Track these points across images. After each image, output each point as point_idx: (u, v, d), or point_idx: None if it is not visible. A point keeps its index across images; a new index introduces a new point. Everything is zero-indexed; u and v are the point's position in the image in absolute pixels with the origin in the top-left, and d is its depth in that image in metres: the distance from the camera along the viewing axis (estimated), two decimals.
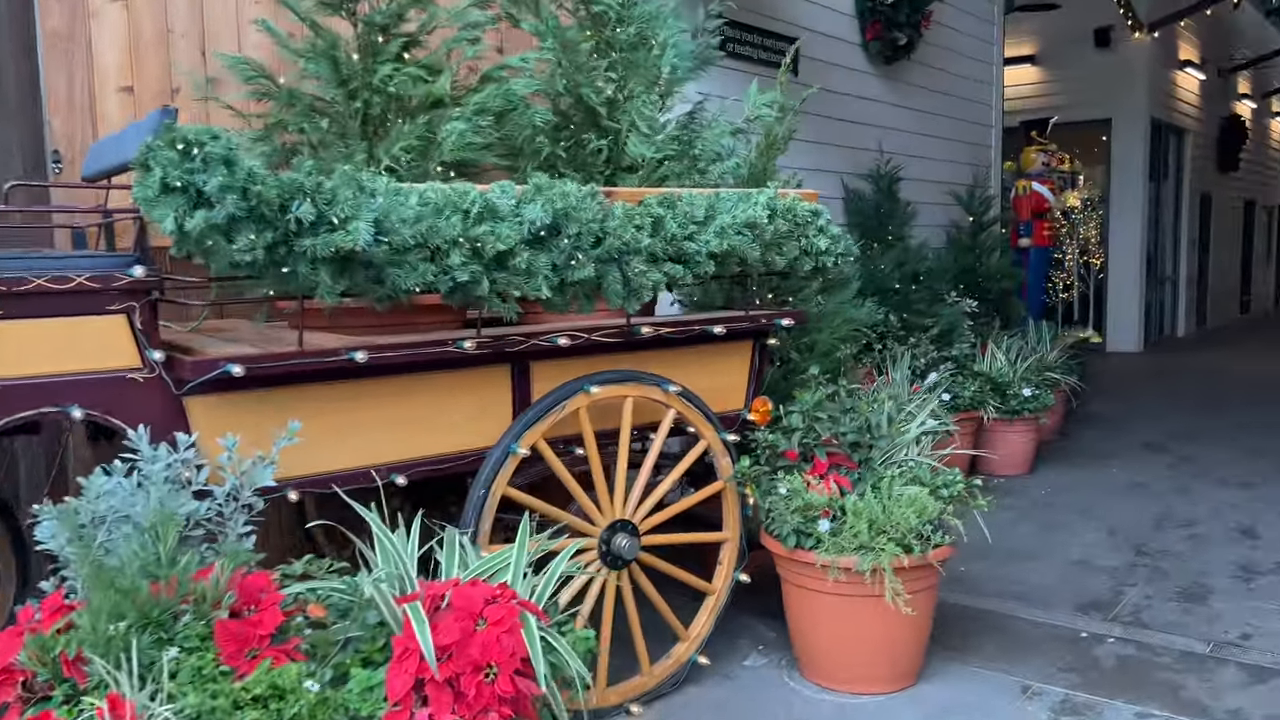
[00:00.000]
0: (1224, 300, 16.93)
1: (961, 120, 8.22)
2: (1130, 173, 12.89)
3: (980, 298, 7.55)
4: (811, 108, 6.48)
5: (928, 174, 7.68)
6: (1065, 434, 7.49)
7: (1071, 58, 12.97)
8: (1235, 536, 4.83)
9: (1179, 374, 10.88)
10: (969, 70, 8.32)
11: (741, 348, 3.48)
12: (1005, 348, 6.52)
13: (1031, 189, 8.23)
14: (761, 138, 4.38)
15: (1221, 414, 8.26)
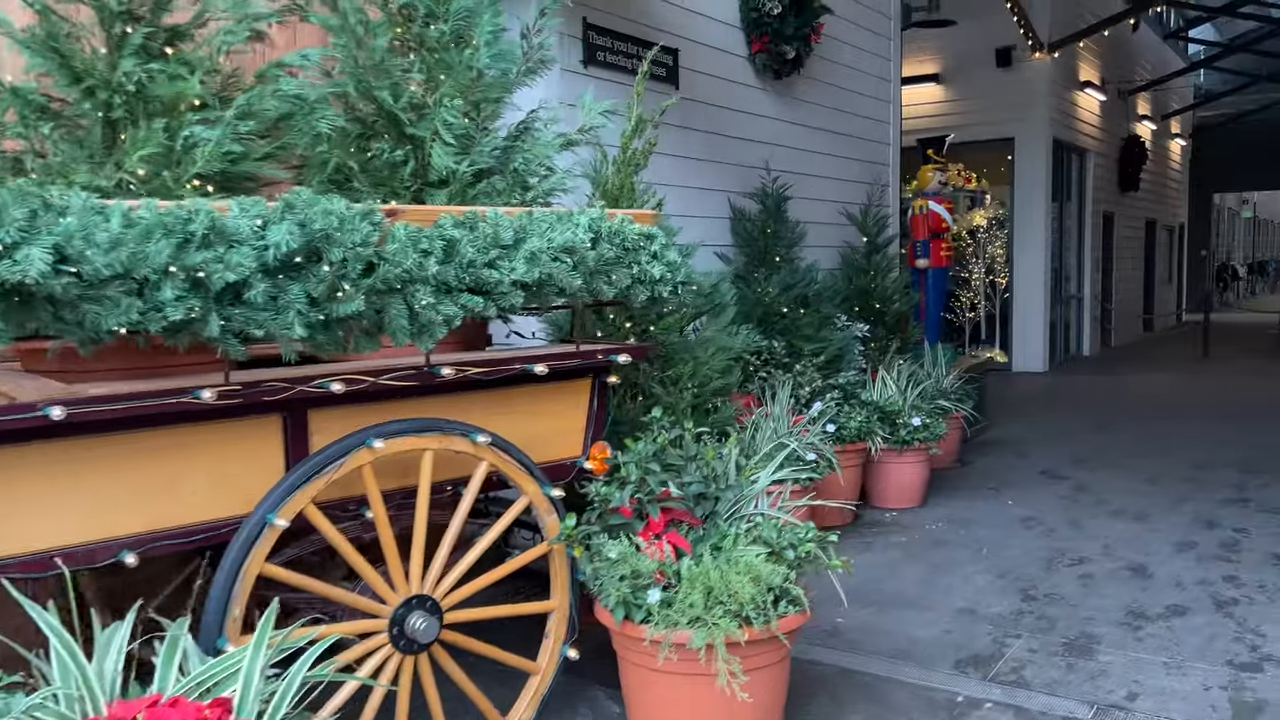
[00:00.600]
0: (1128, 319, 17.15)
1: (857, 138, 7.99)
2: (1033, 192, 12.90)
3: (875, 321, 7.31)
4: (696, 123, 6.16)
5: (821, 193, 7.41)
6: (964, 461, 7.26)
7: (974, 77, 12.96)
8: (1126, 576, 4.58)
9: (1082, 395, 10.83)
10: (865, 87, 8.11)
11: (577, 387, 3.07)
12: (897, 374, 6.24)
13: (928, 208, 8.04)
14: (619, 152, 4.01)
15: (1120, 436, 8.14)
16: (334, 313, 2.23)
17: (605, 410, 3.14)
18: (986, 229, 13.68)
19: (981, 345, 13.79)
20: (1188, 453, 7.40)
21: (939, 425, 5.91)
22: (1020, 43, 12.48)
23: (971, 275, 13.94)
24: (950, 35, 13.02)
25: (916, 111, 13.31)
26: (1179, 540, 5.12)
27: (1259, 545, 5.01)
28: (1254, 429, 8.37)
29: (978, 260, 13.84)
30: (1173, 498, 6.03)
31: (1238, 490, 6.19)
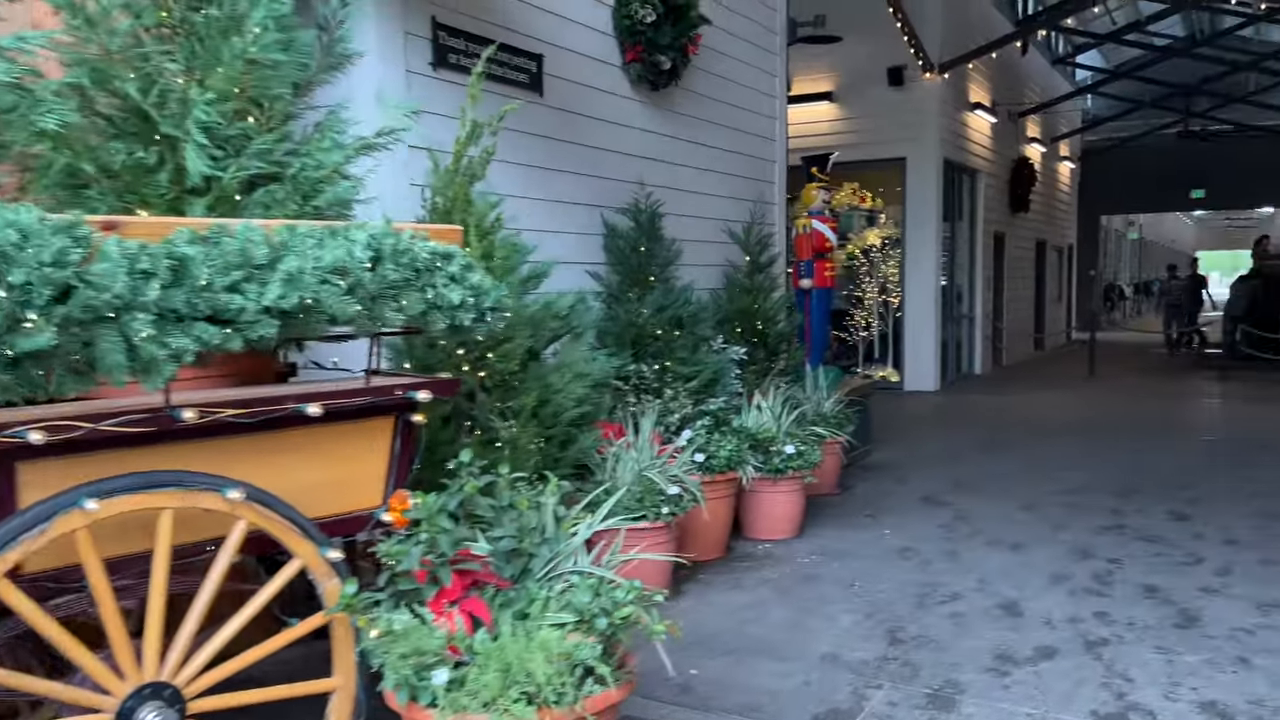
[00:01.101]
0: (1019, 338, 17.44)
1: (741, 154, 7.77)
2: (924, 212, 12.96)
3: (758, 342, 7.08)
4: (565, 133, 5.83)
5: (702, 209, 7.16)
6: (845, 486, 7.06)
7: (867, 96, 12.97)
8: (997, 614, 4.37)
9: (970, 415, 10.83)
10: (749, 102, 7.90)
11: (375, 428, 2.69)
12: (772, 399, 5.99)
13: (812, 227, 7.85)
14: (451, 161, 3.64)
15: (1003, 459, 8.07)
16: (16, 347, 1.81)
17: (411, 453, 2.76)
18: (880, 248, 13.72)
19: (875, 364, 13.79)
20: (1068, 476, 7.35)
21: (814, 453, 5.67)
22: (911, 63, 12.54)
23: (865, 294, 13.96)
24: (843, 53, 13.01)
25: (810, 130, 13.26)
26: (1053, 573, 4.96)
27: (1131, 576, 4.88)
28: (1133, 450, 8.40)
29: (871, 279, 13.87)
30: (1050, 525, 5.91)
31: (1114, 516, 6.11)
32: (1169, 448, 8.53)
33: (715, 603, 4.59)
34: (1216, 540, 5.54)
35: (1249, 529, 5.78)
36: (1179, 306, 19.23)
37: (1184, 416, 10.76)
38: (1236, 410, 11.08)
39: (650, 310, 5.83)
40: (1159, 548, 5.40)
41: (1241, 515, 6.10)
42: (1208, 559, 5.17)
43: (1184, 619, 4.27)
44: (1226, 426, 9.86)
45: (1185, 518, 6.05)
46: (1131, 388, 13.28)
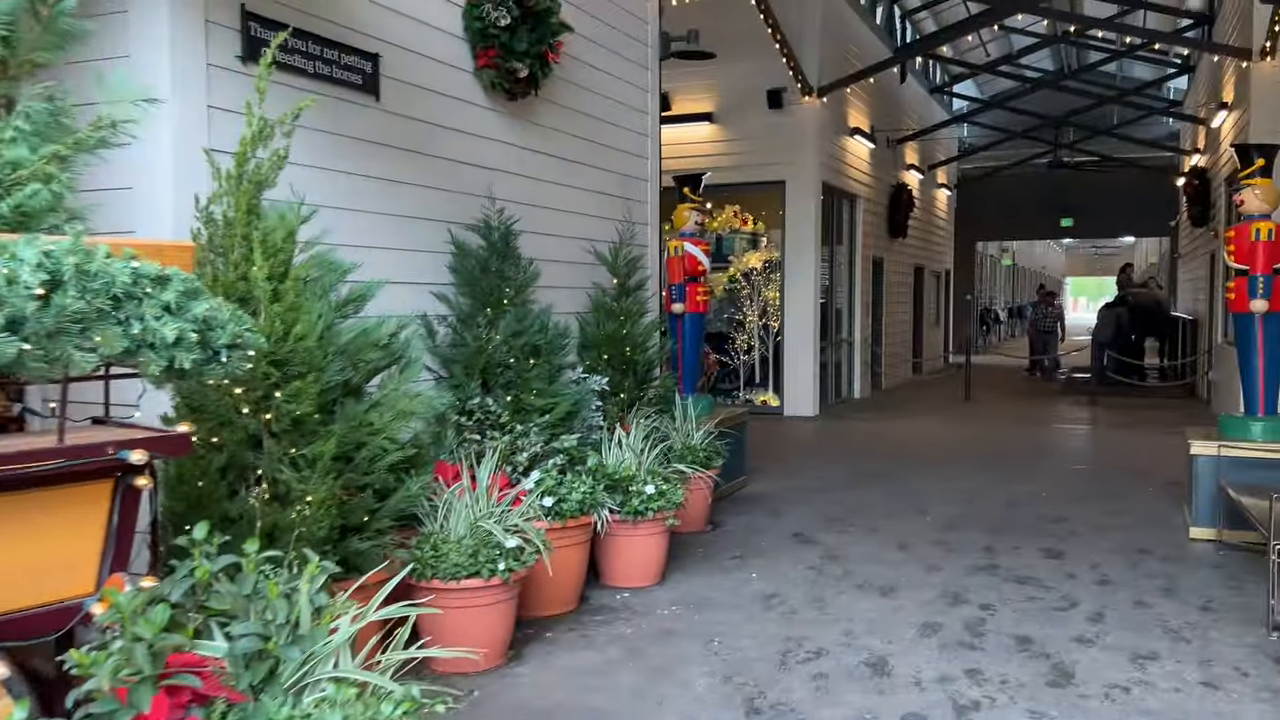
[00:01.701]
0: (897, 362, 17.56)
1: (610, 171, 7.36)
2: (804, 236, 12.83)
3: (626, 370, 6.66)
4: (407, 141, 5.30)
5: (565, 228, 6.71)
6: (715, 523, 6.69)
7: (747, 118, 12.81)
8: (864, 674, 4.02)
9: (846, 442, 10.66)
10: (619, 117, 7.51)
11: (85, 495, 2.13)
12: (635, 433, 5.57)
13: (684, 250, 7.50)
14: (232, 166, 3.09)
15: (877, 491, 7.84)
16: None
17: (132, 525, 2.20)
18: (761, 271, 13.56)
19: (755, 389, 13.60)
20: (943, 509, 7.15)
21: (676, 492, 5.26)
22: (791, 85, 12.42)
23: (746, 318, 13.77)
24: (724, 74, 12.83)
25: (691, 150, 13.02)
26: (924, 622, 4.66)
27: (1004, 625, 4.61)
28: (1006, 480, 8.30)
29: (752, 303, 13.69)
30: (922, 566, 5.64)
31: (987, 555, 5.88)
32: (1042, 478, 8.46)
33: (559, 666, 4.11)
34: (1089, 580, 5.35)
35: (1120, 566, 5.62)
36: (1050, 332, 19.71)
37: (1055, 444, 10.82)
38: (1104, 437, 11.22)
39: (502, 336, 5.34)
40: (1032, 590, 5.16)
41: (1112, 551, 5.96)
42: (1081, 602, 4.96)
43: (1058, 675, 4.00)
44: (1095, 454, 9.93)
45: (1058, 555, 5.87)
46: (1004, 413, 13.40)
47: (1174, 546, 6.07)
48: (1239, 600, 4.96)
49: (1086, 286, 68.50)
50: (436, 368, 5.34)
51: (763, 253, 13.67)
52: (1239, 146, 6.43)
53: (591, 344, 6.71)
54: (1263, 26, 10.31)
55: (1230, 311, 6.40)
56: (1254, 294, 6.08)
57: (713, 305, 14.11)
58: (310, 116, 4.64)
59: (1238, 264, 6.25)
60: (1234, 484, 5.83)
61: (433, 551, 3.94)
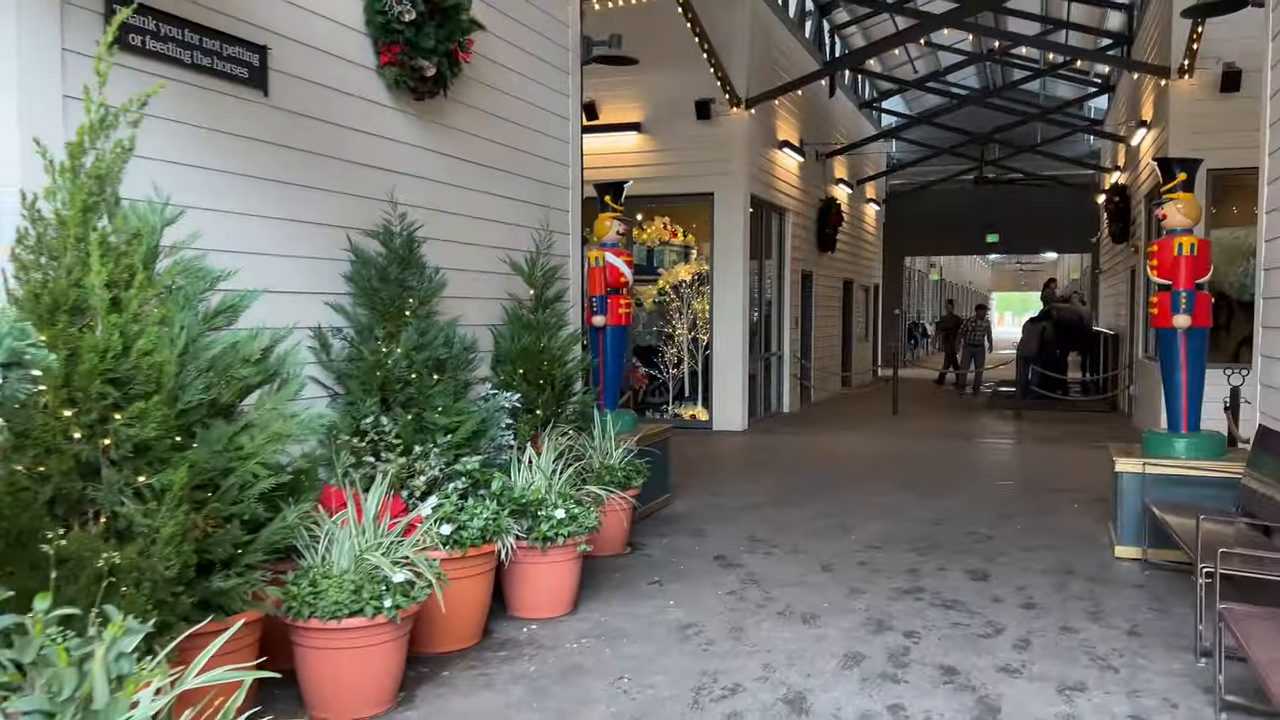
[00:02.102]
0: (827, 376, 17.52)
1: (527, 178, 7.07)
2: (732, 248, 12.67)
3: (544, 385, 6.36)
4: (301, 141, 4.93)
5: (477, 236, 6.39)
6: (635, 544, 6.41)
7: (675, 129, 12.62)
8: (781, 712, 3.76)
9: (774, 457, 10.47)
10: (538, 122, 7.22)
11: None
12: (547, 453, 5.26)
13: (605, 260, 7.23)
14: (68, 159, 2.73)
15: (803, 509, 7.63)
16: None
17: None
18: (690, 284, 13.36)
19: (684, 403, 13.38)
20: (868, 527, 6.97)
21: (589, 516, 4.96)
22: (719, 96, 12.27)
23: (675, 331, 13.56)
24: (652, 83, 12.64)
25: (618, 161, 12.80)
26: (846, 652, 4.43)
27: (928, 655, 4.41)
28: (932, 496, 8.18)
29: (682, 316, 13.48)
30: (846, 589, 5.43)
31: (912, 577, 5.70)
32: (967, 493, 8.36)
33: (452, 711, 3.78)
34: (1015, 603, 5.19)
35: (1047, 588, 5.47)
36: (979, 346, 19.80)
37: (981, 458, 10.78)
38: (1029, 452, 11.22)
39: (404, 350, 4.99)
40: (958, 615, 4.98)
41: (1039, 571, 5.82)
42: (1007, 628, 4.78)
43: (984, 710, 3.79)
44: (1021, 469, 9.89)
45: (984, 576, 5.71)
46: (931, 427, 13.38)
47: (1100, 566, 5.96)
48: (1166, 624, 4.84)
49: (1011, 301, 70.07)
50: (331, 384, 4.98)
51: (693, 265, 13.48)
52: (1161, 161, 6.39)
53: (506, 358, 6.41)
54: (1181, 45, 10.45)
55: (1153, 327, 6.34)
56: (1177, 309, 6.02)
57: (641, 318, 13.91)
58: (188, 110, 4.28)
59: (1161, 279, 6.19)
60: (1158, 502, 5.74)
61: (311, 588, 3.59)
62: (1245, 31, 10.25)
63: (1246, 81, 10.16)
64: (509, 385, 6.30)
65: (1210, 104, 10.34)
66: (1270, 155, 6.17)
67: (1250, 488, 5.49)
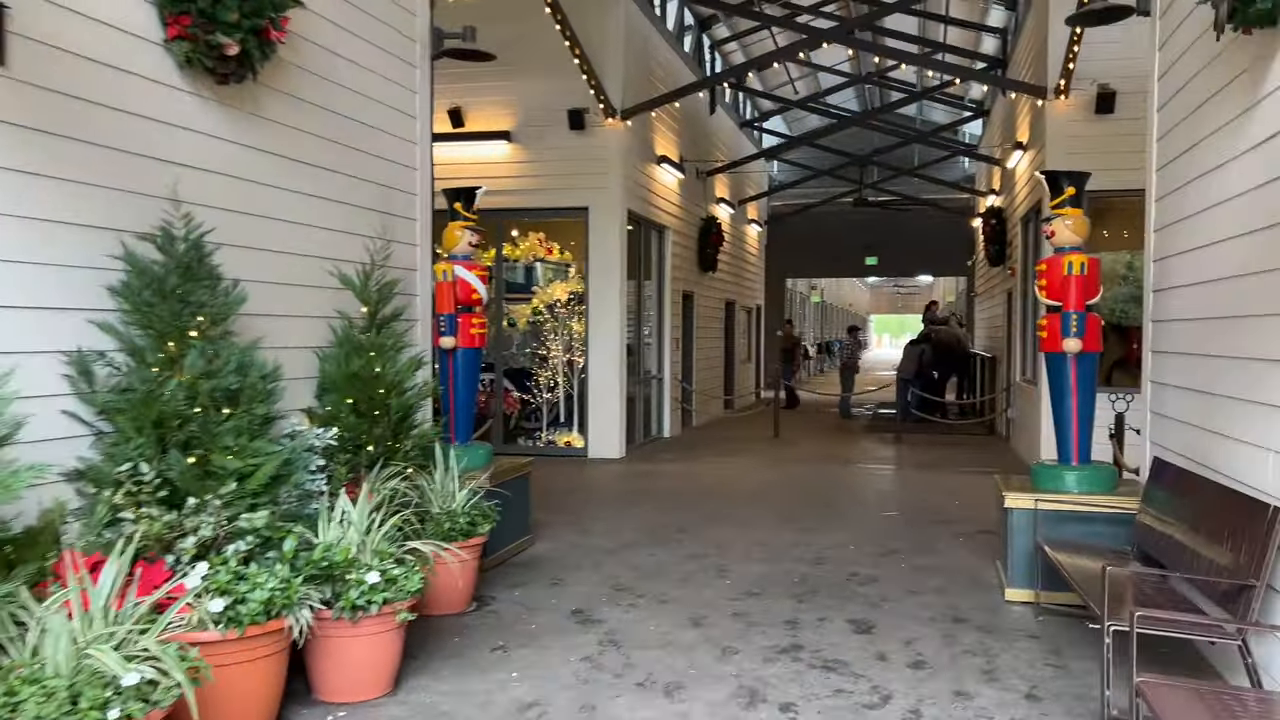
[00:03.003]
0: (709, 399, 17.04)
1: (365, 180, 6.25)
2: (609, 266, 12.02)
3: (379, 417, 5.54)
4: (56, 124, 4.00)
5: (299, 245, 5.55)
6: (483, 598, 5.63)
7: (548, 139, 11.94)
8: None
9: (652, 487, 9.82)
10: (377, 118, 6.42)
11: None
12: (364, 500, 4.44)
13: (455, 274, 6.45)
14: None
15: (678, 547, 6.98)
16: None
17: None
18: (566, 303, 12.65)
19: (559, 429, 12.64)
20: (745, 569, 6.37)
21: (411, 578, 4.15)
22: (593, 106, 11.65)
23: (550, 353, 12.82)
24: (523, 90, 11.94)
25: (488, 171, 12.02)
26: None
27: None
28: (814, 530, 7.65)
29: (557, 336, 12.75)
30: (717, 649, 4.77)
31: (790, 631, 5.08)
32: (850, 527, 7.86)
33: None
34: (903, 662, 4.62)
35: (936, 641, 4.94)
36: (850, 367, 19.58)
37: (863, 486, 10.37)
38: (911, 479, 10.87)
39: (188, 378, 4.11)
40: (840, 680, 4.37)
41: (926, 620, 5.29)
42: (895, 695, 4.20)
43: None
44: (903, 498, 9.49)
45: (868, 628, 5.14)
46: (812, 453, 12.98)
47: (990, 612, 5.48)
48: (1067, 685, 4.34)
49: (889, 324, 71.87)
50: (95, 420, 4.07)
51: (569, 283, 12.78)
52: (1048, 173, 6.02)
53: (333, 386, 5.57)
54: (1057, 65, 10.34)
55: (1041, 351, 5.94)
56: (1067, 332, 5.62)
57: (516, 339, 13.12)
58: None
59: (1050, 300, 5.80)
60: (1052, 541, 5.29)
61: (6, 699, 2.70)
62: (1119, 53, 10.21)
63: (1121, 104, 10.11)
64: (334, 418, 5.46)
65: (1086, 125, 10.25)
66: (1158, 171, 5.87)
67: (1145, 524, 5.09)
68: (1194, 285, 5.09)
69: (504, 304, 12.78)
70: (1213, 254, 4.76)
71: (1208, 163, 4.84)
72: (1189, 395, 5.13)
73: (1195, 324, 5.09)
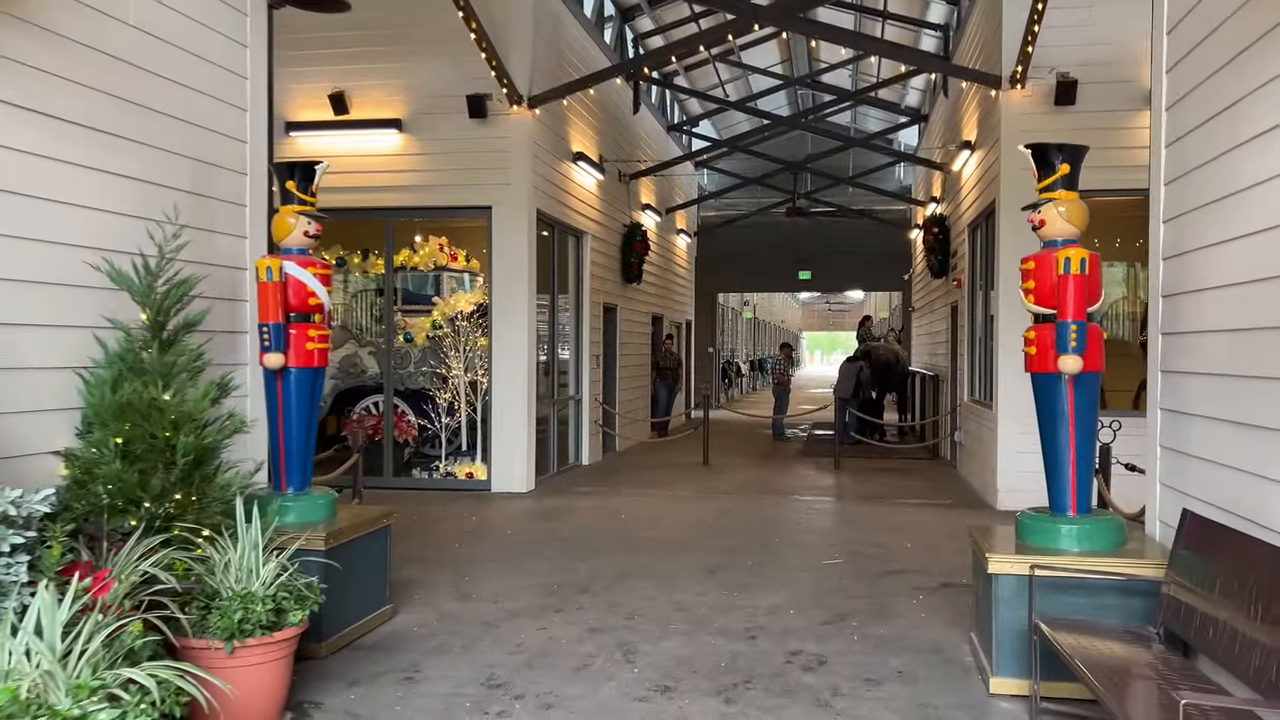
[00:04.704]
0: (633, 421, 15.70)
1: (168, 152, 4.80)
2: (515, 272, 10.61)
3: (165, 462, 4.10)
4: None
5: (64, 231, 4.10)
6: (303, 710, 4.18)
7: (445, 129, 10.52)
8: None
9: (557, 531, 8.41)
10: (194, 77, 4.99)
11: None
12: (67, 602, 2.99)
13: (284, 272, 5.00)
14: None
15: (576, 616, 5.61)
16: None
17: None
18: (469, 316, 11.20)
19: (460, 459, 11.15)
20: (658, 648, 5.02)
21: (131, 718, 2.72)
22: (496, 92, 10.27)
23: (450, 372, 11.35)
24: (416, 73, 10.53)
25: (377, 165, 10.62)
26: None
27: None
28: (746, 587, 6.34)
29: (459, 354, 11.29)
30: None
31: None
32: (789, 581, 6.57)
33: None
34: None
35: None
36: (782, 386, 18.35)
37: (801, 524, 9.11)
38: (854, 514, 9.64)
39: None
40: None
41: None
42: None
43: None
44: (848, 540, 8.23)
45: None
46: (744, 482, 11.71)
47: (973, 711, 4.21)
48: None
49: (821, 341, 71.65)
50: None
51: (475, 294, 11.33)
52: (1036, 147, 4.84)
53: (97, 419, 4.11)
54: (1012, 52, 9.30)
55: (1028, 372, 4.72)
56: (1064, 347, 4.40)
57: (414, 356, 11.64)
58: None
59: (1038, 306, 4.59)
60: (1051, 619, 4.06)
61: None
62: (1084, 38, 9.21)
63: (1084, 95, 9.09)
64: (95, 464, 4.00)
65: (1045, 118, 9.20)
66: (1168, 147, 4.72)
67: (1176, 600, 3.89)
68: (1232, 286, 3.92)
69: (399, 316, 11.32)
70: (1266, 243, 3.58)
71: (1252, 124, 3.68)
72: (1224, 428, 3.95)
73: (1233, 336, 3.91)
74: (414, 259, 11.33)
